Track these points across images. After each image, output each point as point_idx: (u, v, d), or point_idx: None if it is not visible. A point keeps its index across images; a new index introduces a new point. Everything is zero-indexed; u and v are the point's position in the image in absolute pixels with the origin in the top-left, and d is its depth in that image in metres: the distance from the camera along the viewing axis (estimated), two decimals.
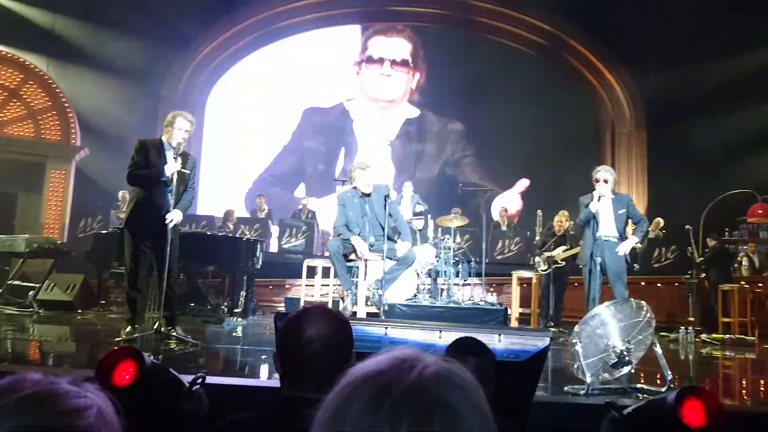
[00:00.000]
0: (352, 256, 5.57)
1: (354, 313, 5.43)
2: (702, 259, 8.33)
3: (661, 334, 6.92)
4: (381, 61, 13.35)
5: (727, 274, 8.71)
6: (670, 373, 3.37)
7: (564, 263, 7.74)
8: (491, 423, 0.68)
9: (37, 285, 7.48)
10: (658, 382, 3.73)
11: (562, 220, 8.13)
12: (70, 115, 10.71)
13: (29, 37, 10.85)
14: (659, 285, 9.03)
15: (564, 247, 7.79)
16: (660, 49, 11.61)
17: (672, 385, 3.30)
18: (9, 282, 7.74)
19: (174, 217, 4.63)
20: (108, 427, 0.78)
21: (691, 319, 7.62)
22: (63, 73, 10.97)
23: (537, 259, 8.11)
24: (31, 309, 7.04)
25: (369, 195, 5.57)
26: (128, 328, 4.65)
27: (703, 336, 7.46)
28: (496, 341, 2.04)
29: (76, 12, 11.13)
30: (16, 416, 0.74)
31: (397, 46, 13.46)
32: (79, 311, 7.12)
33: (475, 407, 0.67)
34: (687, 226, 8.02)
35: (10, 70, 10.60)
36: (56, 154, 10.72)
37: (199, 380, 2.10)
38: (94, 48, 11.04)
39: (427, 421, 0.63)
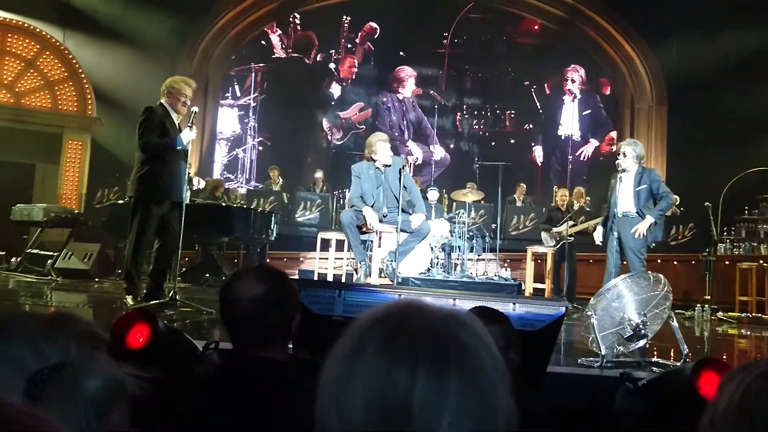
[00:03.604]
0: (366, 228, 5.55)
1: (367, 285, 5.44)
2: None
3: (677, 311, 6.86)
4: None
5: None
6: (686, 347, 3.34)
7: (572, 238, 7.72)
8: (503, 366, 0.67)
9: (55, 254, 7.57)
10: (673, 356, 3.70)
11: (566, 195, 8.38)
12: (86, 85, 10.71)
13: (45, 8, 10.79)
14: (675, 263, 8.93)
15: (571, 223, 7.76)
16: (682, 21, 11.29)
17: (687, 360, 3.27)
18: (28, 251, 7.85)
19: (199, 183, 4.89)
20: None
21: (708, 297, 7.54)
22: (79, 44, 10.93)
23: (543, 234, 8.12)
24: (49, 277, 7.14)
25: (388, 166, 5.54)
26: (131, 297, 4.58)
27: (720, 314, 7.39)
28: (510, 310, 2.02)
29: None
30: None
31: None
32: (96, 279, 7.21)
33: (487, 348, 0.66)
34: (707, 203, 7.88)
35: (27, 41, 10.59)
36: (73, 125, 10.76)
37: (212, 345, 2.11)
38: (110, 18, 10.97)
39: (443, 356, 0.63)
